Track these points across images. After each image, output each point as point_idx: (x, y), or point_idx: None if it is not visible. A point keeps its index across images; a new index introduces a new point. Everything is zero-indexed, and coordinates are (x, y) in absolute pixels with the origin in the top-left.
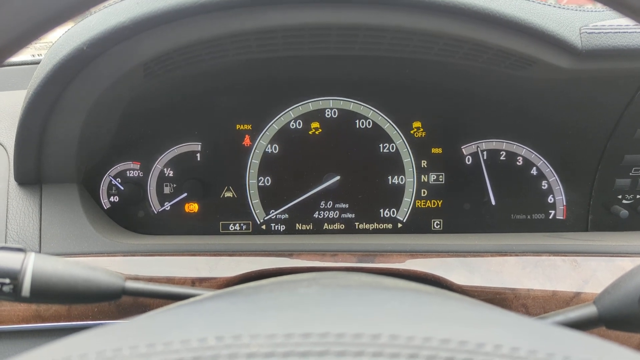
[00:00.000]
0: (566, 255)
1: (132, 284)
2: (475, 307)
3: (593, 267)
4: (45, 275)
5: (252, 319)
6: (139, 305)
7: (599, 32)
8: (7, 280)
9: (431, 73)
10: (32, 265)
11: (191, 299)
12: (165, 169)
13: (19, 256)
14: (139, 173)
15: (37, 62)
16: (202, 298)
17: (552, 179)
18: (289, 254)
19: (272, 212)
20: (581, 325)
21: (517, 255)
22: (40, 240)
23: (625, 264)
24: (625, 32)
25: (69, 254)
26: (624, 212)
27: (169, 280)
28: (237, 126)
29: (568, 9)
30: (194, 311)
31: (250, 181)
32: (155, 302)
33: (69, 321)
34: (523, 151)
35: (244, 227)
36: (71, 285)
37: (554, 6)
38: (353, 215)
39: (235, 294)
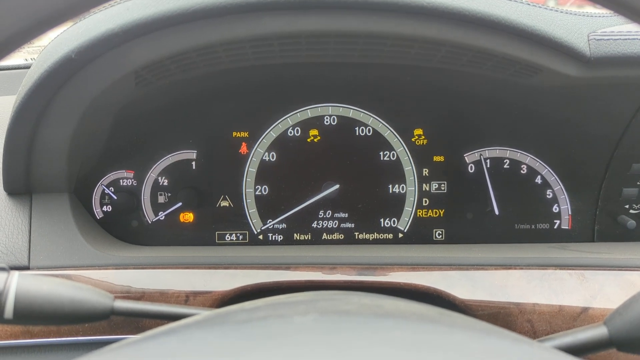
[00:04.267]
0: (572, 269)
1: (121, 304)
2: (478, 337)
3: (601, 281)
4: (30, 296)
5: (243, 353)
6: (131, 322)
7: (608, 39)
8: None
9: (433, 80)
10: (16, 286)
11: (181, 322)
12: (159, 178)
13: (1, 276)
14: (132, 182)
15: (29, 67)
16: (193, 322)
17: (557, 187)
18: (286, 266)
19: (270, 222)
20: (591, 347)
21: (521, 269)
22: (29, 253)
23: (634, 278)
24: (635, 39)
25: (59, 267)
26: (632, 223)
27: (162, 294)
28: (234, 133)
29: (575, 14)
30: (182, 342)
31: (247, 190)
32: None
33: (58, 337)
34: (527, 159)
35: (241, 237)
36: (57, 306)
37: (561, 11)
38: (353, 225)
39: (227, 320)
